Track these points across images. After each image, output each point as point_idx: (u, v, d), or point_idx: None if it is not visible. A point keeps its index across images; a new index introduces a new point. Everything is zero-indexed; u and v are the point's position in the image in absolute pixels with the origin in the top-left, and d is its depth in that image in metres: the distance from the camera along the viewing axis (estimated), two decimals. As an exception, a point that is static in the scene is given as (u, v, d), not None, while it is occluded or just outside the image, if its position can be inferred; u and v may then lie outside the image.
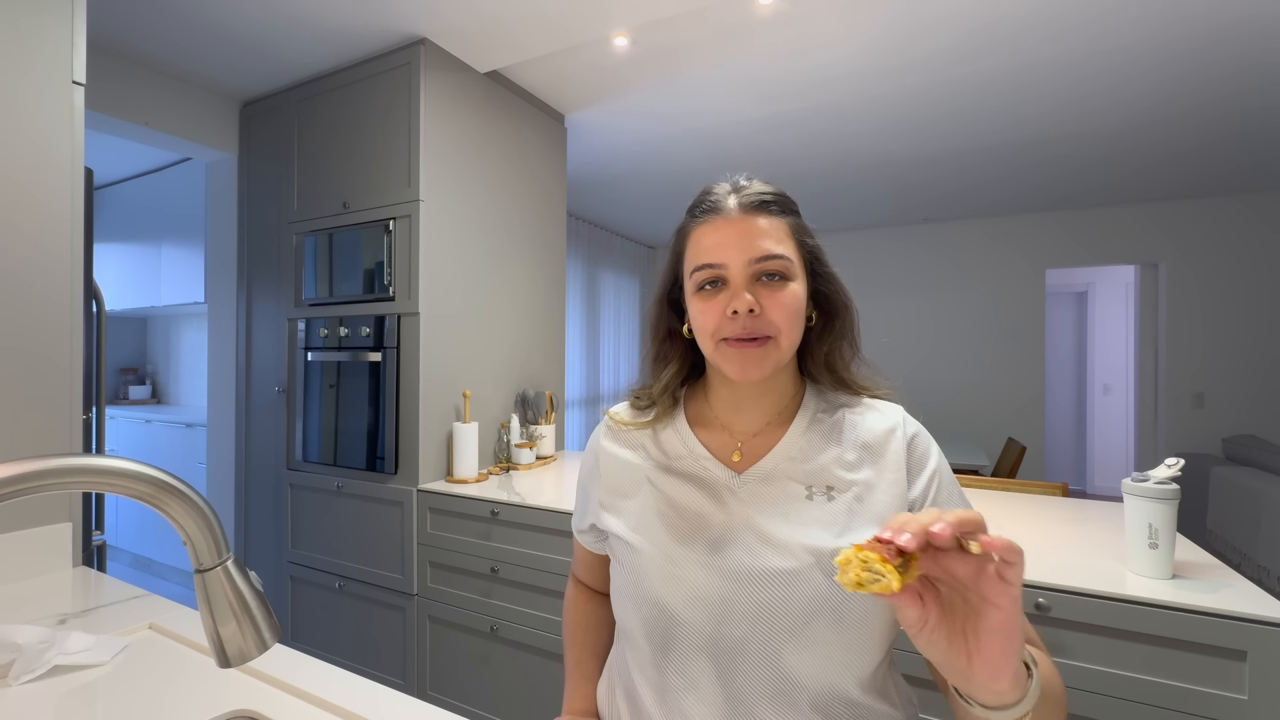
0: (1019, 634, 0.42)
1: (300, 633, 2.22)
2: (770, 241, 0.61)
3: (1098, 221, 4.24)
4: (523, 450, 2.13)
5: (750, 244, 0.61)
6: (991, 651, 0.42)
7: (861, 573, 0.41)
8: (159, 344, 4.26)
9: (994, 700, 0.43)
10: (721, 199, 0.64)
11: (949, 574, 0.43)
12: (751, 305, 0.59)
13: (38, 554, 1.05)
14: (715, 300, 0.62)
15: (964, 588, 0.43)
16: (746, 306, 0.59)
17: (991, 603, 0.41)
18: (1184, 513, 3.34)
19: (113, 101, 2.10)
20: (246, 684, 0.72)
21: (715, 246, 0.62)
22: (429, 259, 1.96)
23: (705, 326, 0.62)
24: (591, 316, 4.79)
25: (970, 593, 0.43)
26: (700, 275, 0.63)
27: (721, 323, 0.61)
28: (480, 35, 1.93)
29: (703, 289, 0.63)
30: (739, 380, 0.62)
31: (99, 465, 0.43)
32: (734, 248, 0.61)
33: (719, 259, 0.61)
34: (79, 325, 1.14)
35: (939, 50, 2.10)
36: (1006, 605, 0.41)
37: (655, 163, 3.31)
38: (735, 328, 0.60)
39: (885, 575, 0.40)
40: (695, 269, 0.63)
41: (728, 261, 0.61)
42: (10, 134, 1.05)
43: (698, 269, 0.63)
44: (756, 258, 0.61)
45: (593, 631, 0.78)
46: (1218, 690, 0.99)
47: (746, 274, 0.61)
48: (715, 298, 0.62)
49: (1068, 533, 1.40)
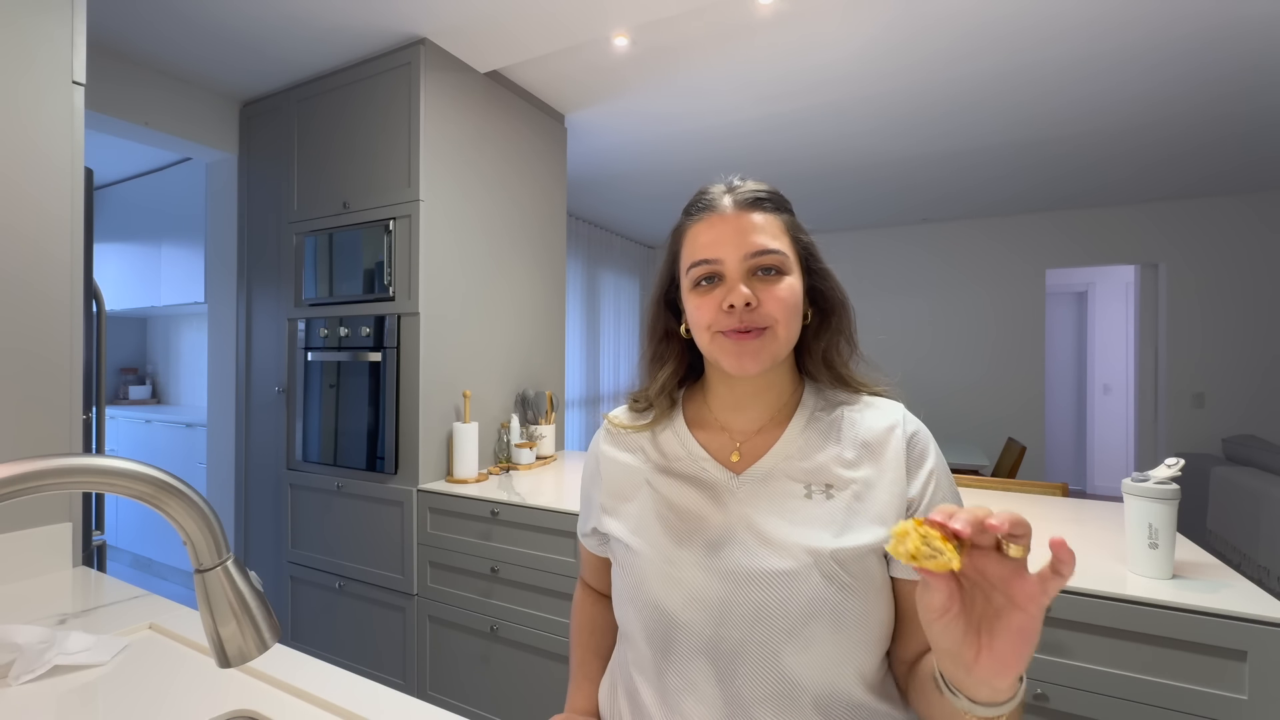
0: (1036, 641, 0.42)
1: (300, 633, 2.22)
2: (765, 237, 0.62)
3: (1097, 221, 4.24)
4: (523, 450, 2.13)
5: (745, 239, 0.62)
6: (1006, 651, 0.42)
7: (920, 546, 0.41)
8: (159, 344, 4.26)
9: (988, 697, 0.44)
10: (716, 197, 0.65)
11: (979, 572, 0.43)
12: (748, 299, 0.59)
13: (38, 554, 1.05)
14: (711, 295, 0.62)
15: (990, 587, 0.43)
16: (743, 300, 0.59)
17: (1019, 606, 0.41)
18: (1184, 513, 3.34)
19: (113, 101, 2.10)
20: (246, 684, 0.72)
21: (711, 243, 0.63)
22: (429, 259, 1.96)
23: (701, 320, 0.63)
24: (591, 316, 4.79)
25: (996, 593, 0.43)
26: (696, 271, 0.63)
27: (717, 316, 0.61)
28: (480, 35, 1.93)
29: (699, 285, 0.63)
30: (736, 373, 0.62)
31: (99, 465, 0.43)
32: (729, 243, 0.62)
33: (714, 254, 0.62)
34: (79, 325, 1.14)
35: (939, 50, 2.10)
36: (1034, 611, 0.41)
37: (655, 163, 3.31)
38: (731, 321, 0.60)
39: (945, 553, 0.40)
40: (691, 265, 0.64)
41: (723, 257, 0.62)
42: (10, 134, 1.05)
43: (694, 265, 0.63)
44: (752, 253, 0.61)
45: (597, 633, 0.78)
46: (1218, 690, 0.99)
47: (742, 269, 0.61)
48: (711, 293, 0.62)
49: (1068, 533, 1.39)
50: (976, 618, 0.43)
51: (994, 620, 0.42)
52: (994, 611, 0.43)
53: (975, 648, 0.43)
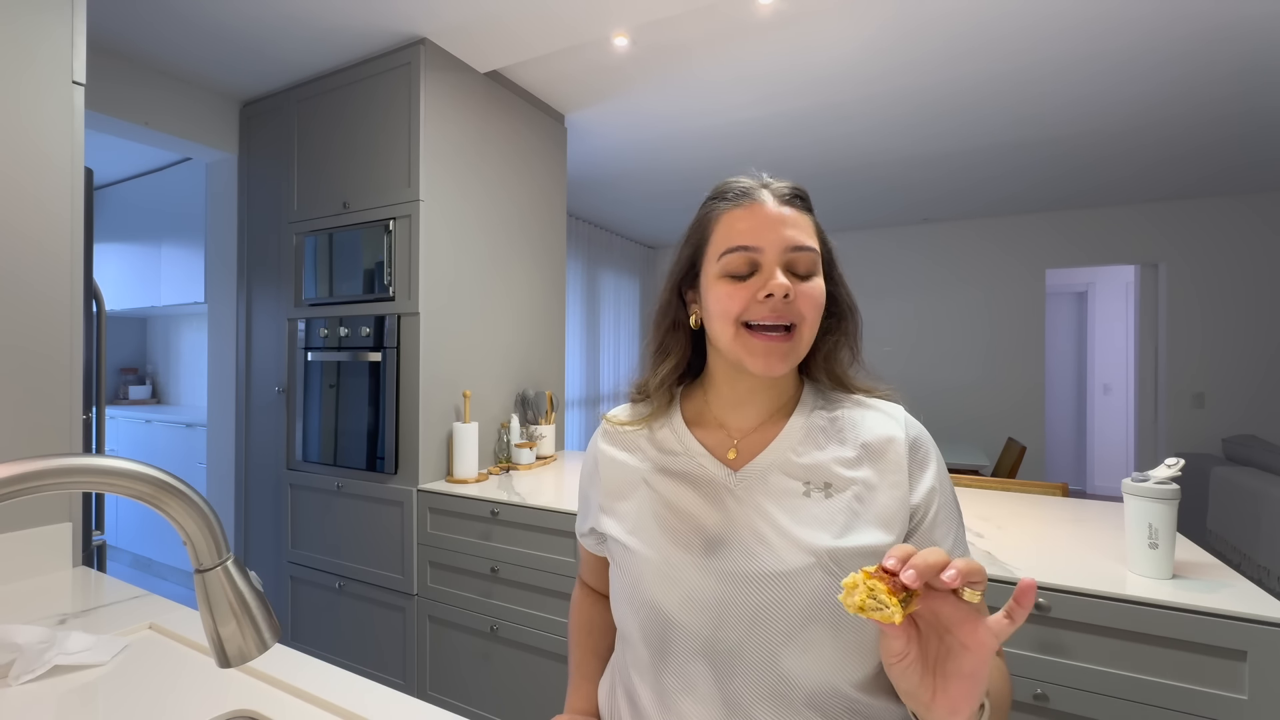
0: (986, 681, 0.44)
1: (300, 633, 2.22)
2: (803, 234, 0.62)
3: (1097, 222, 4.24)
4: (523, 450, 2.13)
5: (785, 234, 0.61)
6: (957, 693, 0.44)
7: (866, 599, 0.43)
8: (159, 344, 4.26)
9: None
10: (753, 188, 0.64)
11: (934, 614, 0.45)
12: (788, 290, 0.59)
13: (38, 554, 1.05)
14: (746, 284, 0.61)
15: (944, 629, 0.45)
16: (783, 290, 0.58)
17: (970, 649, 0.43)
18: (1184, 513, 3.35)
19: (113, 101, 2.10)
20: (246, 684, 0.72)
21: (751, 230, 0.61)
22: (429, 259, 1.96)
23: (729, 310, 0.61)
24: (591, 316, 4.79)
25: (949, 636, 0.44)
26: (733, 258, 0.61)
27: (750, 305, 0.60)
28: (480, 35, 1.93)
29: (730, 273, 0.62)
30: (761, 373, 0.61)
31: (99, 465, 0.43)
32: (771, 233, 0.61)
33: (755, 242, 0.61)
34: (79, 325, 1.14)
35: (938, 50, 2.10)
36: (982, 654, 0.43)
37: (655, 163, 3.31)
38: (764, 311, 0.59)
39: (889, 607, 0.42)
40: (727, 250, 0.62)
41: (764, 246, 0.60)
42: (10, 134, 1.05)
43: (730, 250, 0.61)
44: (791, 246, 0.61)
45: (596, 633, 0.78)
46: (1218, 690, 0.99)
47: (780, 261, 0.60)
48: (745, 282, 0.61)
49: (1068, 533, 1.39)
50: (932, 659, 0.45)
51: (946, 661, 0.44)
52: (946, 652, 0.44)
53: (931, 689, 0.45)
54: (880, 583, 0.42)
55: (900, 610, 0.42)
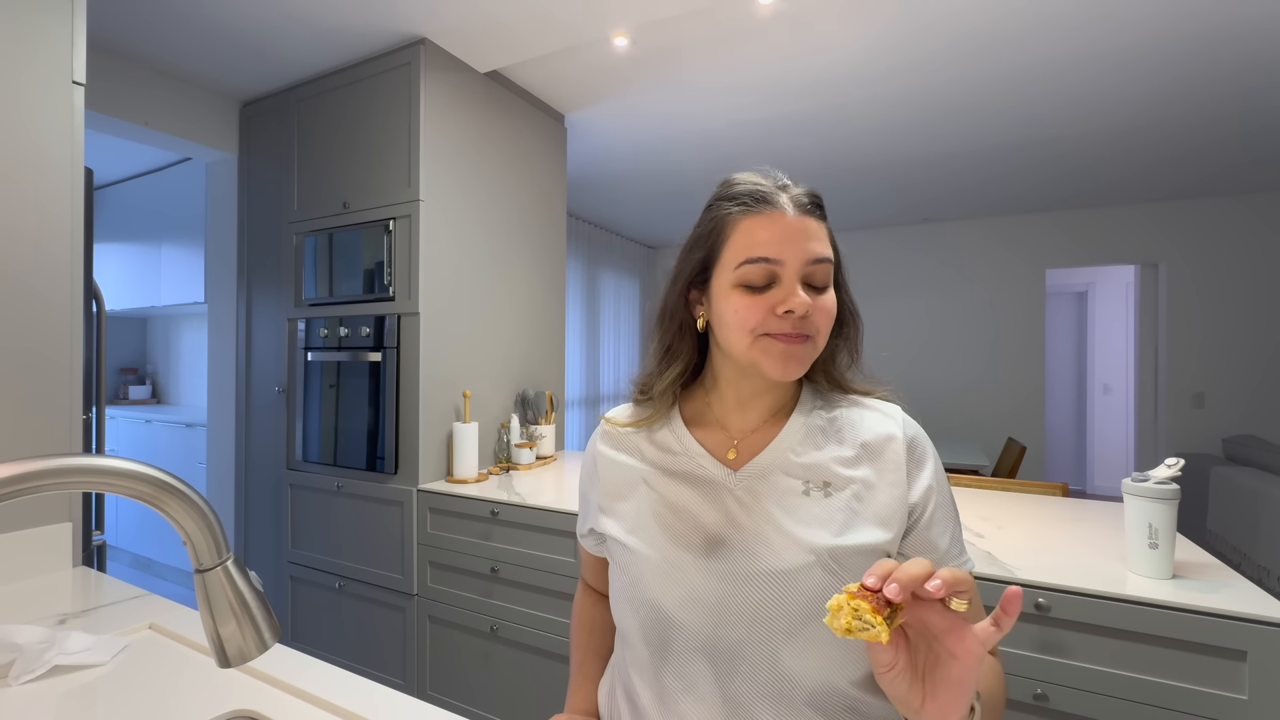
0: (974, 687, 0.44)
1: (300, 633, 2.22)
2: (822, 245, 0.61)
3: (1097, 222, 4.24)
4: (523, 450, 2.13)
5: (806, 245, 0.60)
6: (946, 699, 0.44)
7: (852, 620, 0.43)
8: (159, 344, 4.26)
9: None
10: (771, 193, 0.62)
11: (922, 623, 0.45)
12: (809, 308, 0.58)
13: (38, 554, 1.05)
14: (764, 297, 0.59)
15: (932, 637, 0.45)
16: (804, 308, 0.58)
17: (957, 657, 0.43)
18: (1184, 513, 3.34)
19: (113, 101, 2.10)
20: (246, 684, 0.72)
21: (772, 241, 0.59)
22: (429, 259, 1.96)
23: (746, 322, 0.60)
24: (591, 316, 4.79)
25: (937, 644, 0.45)
26: (752, 269, 0.60)
27: (766, 319, 0.59)
28: (480, 35, 1.93)
29: (748, 282, 0.60)
30: (779, 377, 0.60)
31: (99, 465, 0.43)
32: (793, 245, 0.59)
33: (777, 254, 0.59)
34: (79, 325, 1.14)
35: (939, 50, 2.10)
36: (970, 662, 0.43)
37: (655, 163, 3.31)
38: (783, 326, 0.59)
39: (875, 626, 0.42)
40: (746, 261, 0.60)
41: (786, 259, 0.59)
42: (10, 134, 1.05)
43: (749, 261, 0.60)
44: (812, 259, 0.60)
45: (596, 634, 0.79)
46: (1218, 690, 0.99)
47: (800, 274, 0.60)
48: (763, 294, 0.60)
49: (1068, 533, 1.40)
50: (921, 667, 0.46)
51: (935, 668, 0.45)
52: (935, 659, 0.45)
53: (920, 696, 0.45)
54: (864, 602, 0.42)
55: (886, 629, 0.42)
